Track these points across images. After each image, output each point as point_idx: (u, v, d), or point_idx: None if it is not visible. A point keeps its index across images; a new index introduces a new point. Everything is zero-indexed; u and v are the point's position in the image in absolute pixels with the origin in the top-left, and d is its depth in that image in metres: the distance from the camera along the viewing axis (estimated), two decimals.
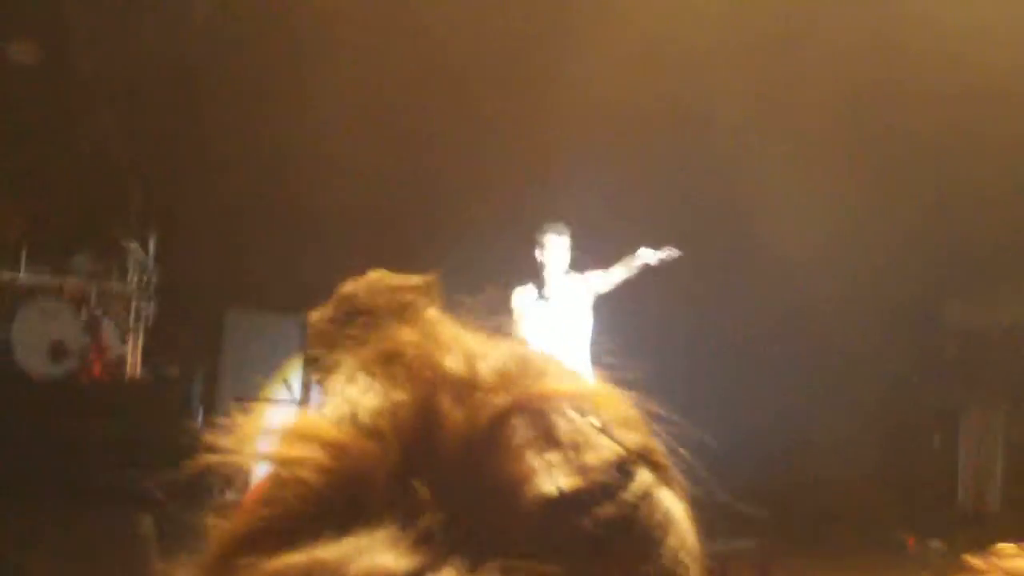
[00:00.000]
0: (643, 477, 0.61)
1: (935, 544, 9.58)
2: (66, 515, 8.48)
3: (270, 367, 11.64)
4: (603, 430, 0.60)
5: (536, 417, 0.58)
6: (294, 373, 11.70)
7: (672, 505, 0.62)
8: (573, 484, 0.57)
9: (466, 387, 0.59)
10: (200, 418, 11.05)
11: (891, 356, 11.94)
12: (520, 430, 0.58)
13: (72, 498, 8.85)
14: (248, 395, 11.58)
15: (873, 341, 11.96)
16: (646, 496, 0.60)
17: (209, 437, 0.66)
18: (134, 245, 11.00)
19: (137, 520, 8.49)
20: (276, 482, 0.60)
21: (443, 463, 0.57)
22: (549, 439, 0.58)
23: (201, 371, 11.25)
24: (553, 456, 0.57)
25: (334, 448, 0.59)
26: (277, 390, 11.53)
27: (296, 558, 0.56)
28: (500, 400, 0.59)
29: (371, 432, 0.59)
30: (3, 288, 10.49)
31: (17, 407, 9.69)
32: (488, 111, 11.66)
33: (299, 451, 0.60)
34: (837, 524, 9.91)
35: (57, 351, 10.35)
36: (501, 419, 0.58)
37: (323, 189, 11.68)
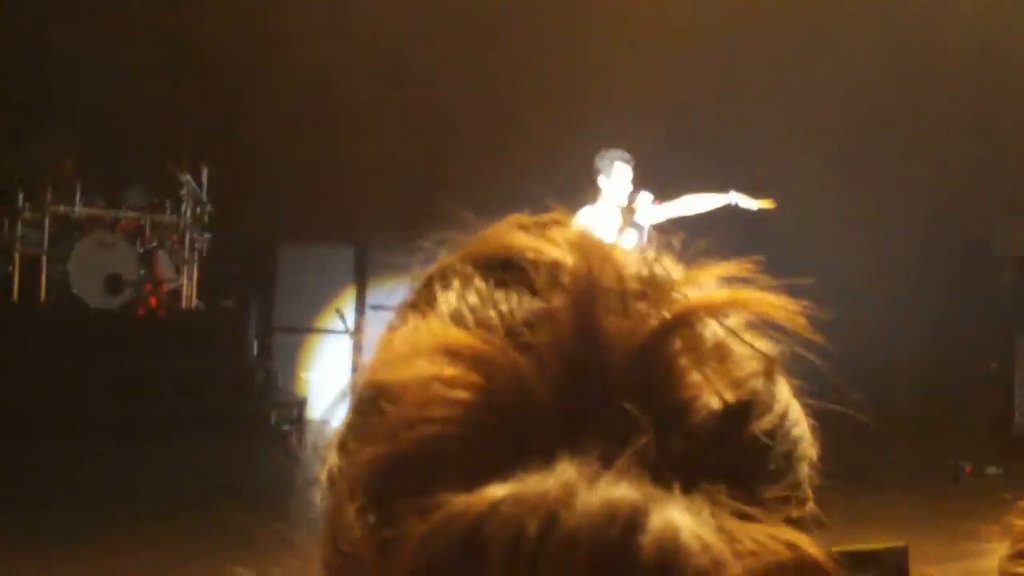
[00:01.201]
0: (782, 384, 0.60)
1: (992, 470, 9.53)
2: (124, 444, 8.62)
3: (323, 298, 11.73)
4: (744, 338, 0.58)
5: (686, 327, 0.55)
6: (347, 303, 11.78)
7: (799, 411, 0.61)
8: (734, 398, 0.55)
9: (620, 297, 0.55)
10: (255, 348, 11.17)
11: (944, 284, 11.81)
12: (677, 341, 0.55)
13: (128, 428, 8.98)
14: (302, 325, 11.70)
15: (927, 270, 11.84)
16: (789, 403, 0.60)
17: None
18: (187, 178, 11.03)
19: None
20: (421, 406, 0.52)
21: (612, 380, 0.53)
22: (701, 350, 0.56)
23: (255, 302, 11.35)
24: (708, 368, 0.55)
25: (490, 365, 0.53)
26: (331, 319, 11.61)
27: (505, 491, 0.48)
28: (656, 312, 0.55)
29: (527, 346, 0.54)
30: (59, 221, 10.57)
31: (76, 338, 9.81)
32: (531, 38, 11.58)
33: (449, 369, 0.53)
34: (893, 452, 9.87)
35: (114, 283, 10.44)
36: (663, 332, 0.55)
37: (371, 126, 11.66)
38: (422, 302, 0.62)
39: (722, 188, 7.77)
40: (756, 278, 0.59)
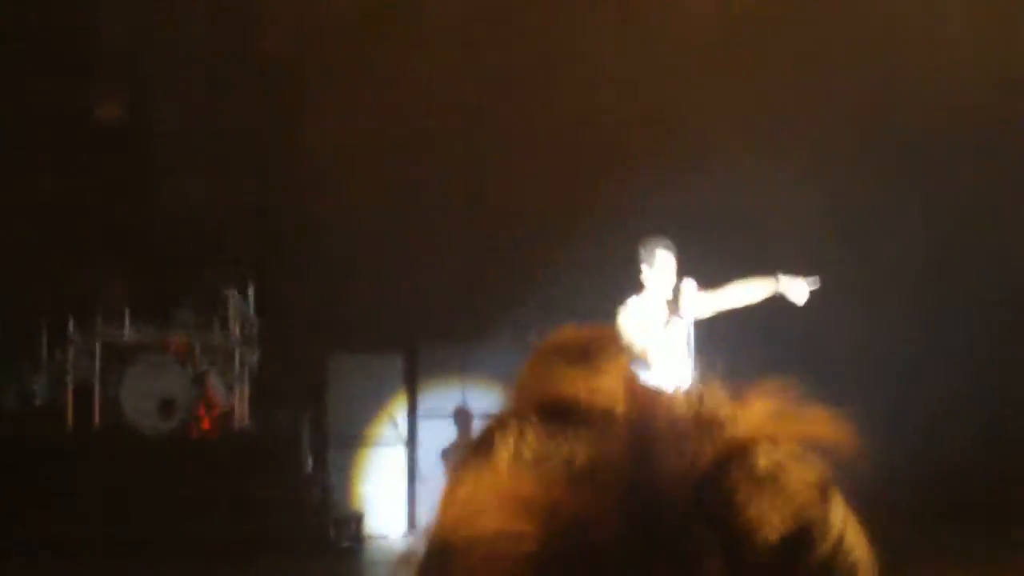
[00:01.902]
0: (837, 506, 0.61)
1: None
2: (185, 570, 8.52)
3: (376, 408, 11.64)
4: (798, 463, 0.60)
5: (739, 460, 0.58)
6: (399, 411, 11.68)
7: (855, 527, 0.62)
8: (791, 528, 0.57)
9: (673, 439, 0.58)
10: (310, 464, 11.07)
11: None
12: (732, 475, 0.57)
13: (192, 554, 8.89)
14: (356, 437, 11.60)
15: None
16: (844, 524, 0.61)
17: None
18: (234, 294, 11.05)
19: None
20: (489, 562, 0.54)
21: (672, 519, 0.55)
22: (756, 481, 0.58)
23: (307, 417, 11.27)
24: (764, 500, 0.57)
25: (554, 517, 0.55)
26: (384, 429, 11.51)
27: None
28: (711, 448, 0.58)
29: (588, 495, 0.56)
30: (110, 347, 10.61)
31: (130, 465, 9.78)
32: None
33: (514, 524, 0.55)
34: (968, 521, 9.55)
35: (166, 407, 10.43)
36: (718, 467, 0.57)
37: (413, 230, 11.71)
38: (483, 450, 0.63)
39: (769, 272, 7.59)
40: (801, 396, 0.61)
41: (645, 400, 0.60)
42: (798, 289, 7.31)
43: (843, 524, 0.61)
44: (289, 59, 11.87)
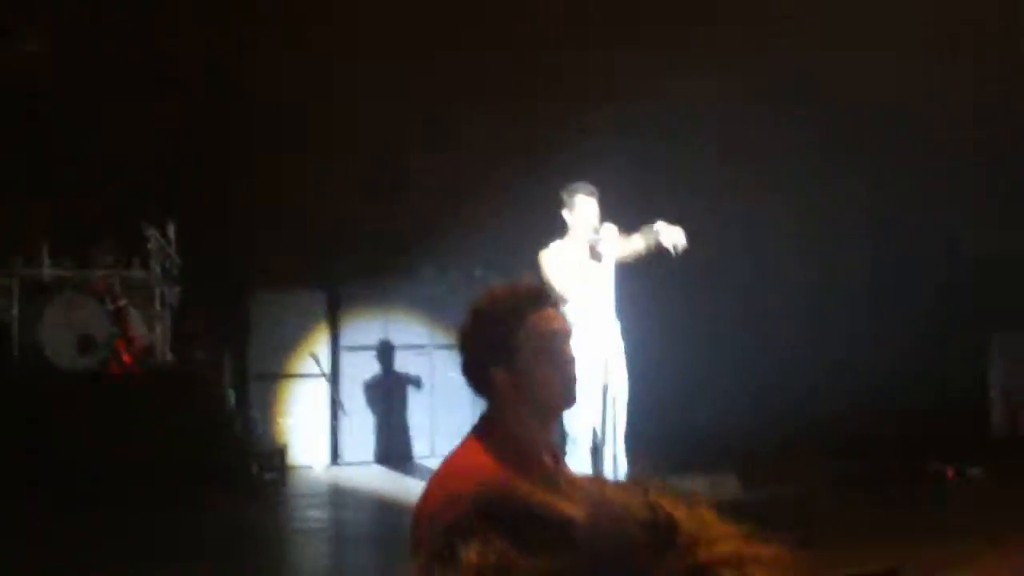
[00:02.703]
0: None
1: (975, 471, 9.57)
2: (106, 503, 8.55)
3: (298, 342, 11.69)
4: None
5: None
6: (321, 345, 11.74)
7: None
8: None
9: (630, 551, 0.60)
10: (232, 399, 11.11)
11: (916, 285, 11.88)
12: None
13: (114, 490, 8.91)
14: (279, 372, 11.65)
15: (898, 272, 11.93)
16: None
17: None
18: (155, 233, 11.00)
19: None
20: None
21: None
22: None
23: (228, 353, 11.29)
24: None
25: None
26: (306, 363, 11.57)
27: None
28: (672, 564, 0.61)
29: None
30: (28, 284, 10.53)
31: (49, 401, 9.75)
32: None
33: None
34: (874, 457, 9.89)
35: (85, 344, 10.39)
36: None
37: (333, 171, 11.70)
38: (445, 557, 0.66)
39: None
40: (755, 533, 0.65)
41: (601, 508, 0.61)
42: (674, 235, 7.18)
43: None
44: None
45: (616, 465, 6.91)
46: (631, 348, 7.42)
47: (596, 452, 7.07)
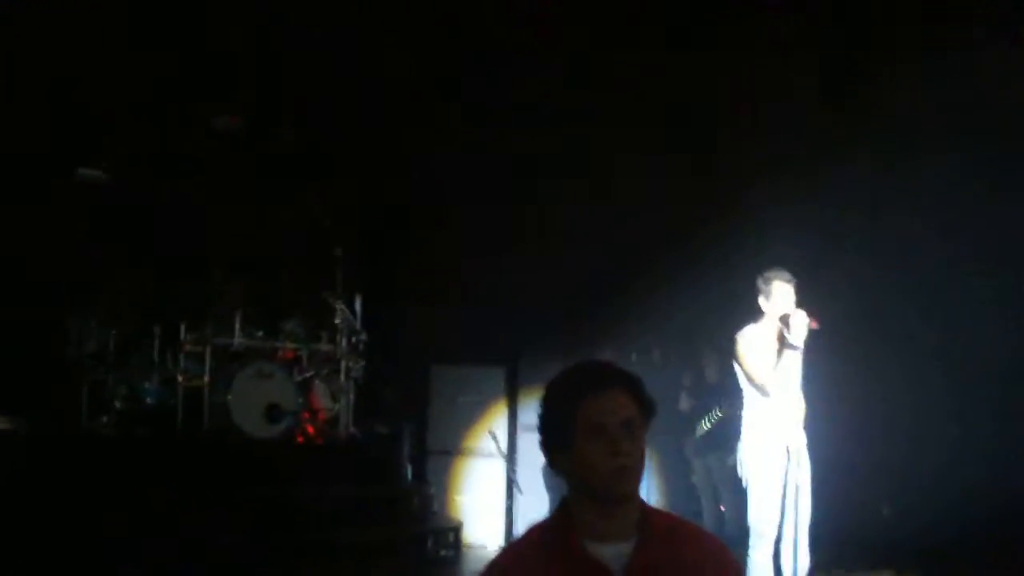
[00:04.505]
0: None
1: None
2: (283, 573, 8.65)
3: (476, 420, 11.75)
4: None
5: None
6: (500, 423, 11.77)
7: None
8: None
9: None
10: (410, 473, 11.20)
11: None
12: None
13: (286, 556, 9.02)
14: (456, 448, 11.72)
15: None
16: None
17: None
18: (342, 307, 11.22)
19: None
20: None
21: None
22: None
23: (408, 428, 11.40)
24: None
25: None
26: (484, 441, 11.60)
27: None
28: None
29: None
30: (219, 352, 10.84)
31: (237, 468, 9.95)
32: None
33: None
34: None
35: (272, 412, 10.59)
36: None
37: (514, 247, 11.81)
38: None
39: None
40: None
41: None
42: (800, 322, 7.08)
43: None
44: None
45: (797, 558, 6.71)
46: (814, 436, 7.22)
47: (776, 545, 6.88)
